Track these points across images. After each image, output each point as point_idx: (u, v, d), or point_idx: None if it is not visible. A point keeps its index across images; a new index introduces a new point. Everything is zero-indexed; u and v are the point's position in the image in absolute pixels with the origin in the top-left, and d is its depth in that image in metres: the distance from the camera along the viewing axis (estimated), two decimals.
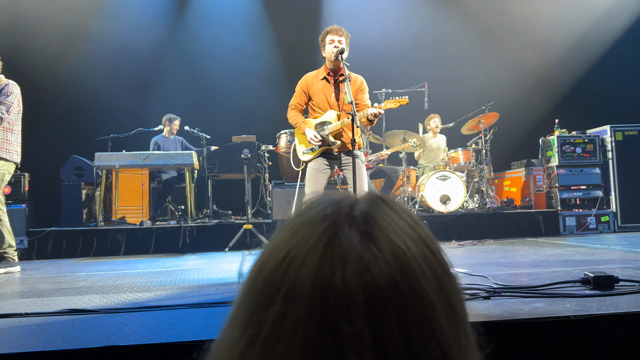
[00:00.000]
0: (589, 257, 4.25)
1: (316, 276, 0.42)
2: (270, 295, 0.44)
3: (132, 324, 2.33)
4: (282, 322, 0.42)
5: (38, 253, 5.96)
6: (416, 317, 0.42)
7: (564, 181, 7.14)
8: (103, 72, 8.11)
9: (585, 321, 2.17)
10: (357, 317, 0.41)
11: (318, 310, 0.41)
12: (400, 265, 0.43)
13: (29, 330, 2.27)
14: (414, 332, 0.41)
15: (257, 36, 8.69)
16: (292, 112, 4.20)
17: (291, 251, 0.45)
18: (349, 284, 0.41)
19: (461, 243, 5.95)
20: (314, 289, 0.42)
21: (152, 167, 6.76)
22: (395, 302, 0.42)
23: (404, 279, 0.43)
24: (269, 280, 0.45)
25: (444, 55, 8.96)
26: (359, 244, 0.44)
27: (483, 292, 2.70)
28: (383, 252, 0.44)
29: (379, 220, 0.46)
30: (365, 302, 0.41)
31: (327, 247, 0.44)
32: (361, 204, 0.49)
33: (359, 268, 0.42)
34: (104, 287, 3.51)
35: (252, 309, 0.45)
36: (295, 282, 0.43)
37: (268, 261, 0.46)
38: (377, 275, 0.42)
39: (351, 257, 0.43)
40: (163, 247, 6.12)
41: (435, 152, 7.84)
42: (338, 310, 0.41)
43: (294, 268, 0.44)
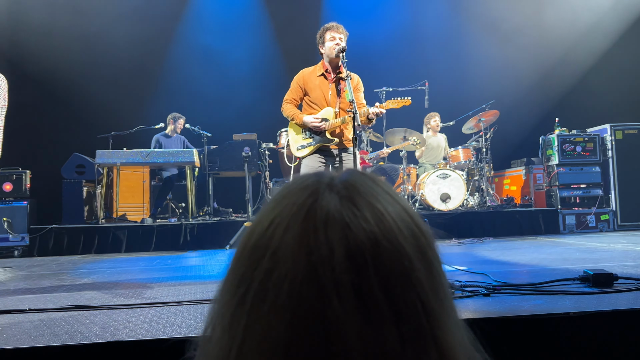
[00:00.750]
0: (588, 255, 4.26)
1: (300, 236, 0.45)
2: (257, 257, 0.46)
3: (135, 319, 2.35)
4: (269, 278, 0.45)
5: (39, 250, 5.98)
6: (394, 268, 0.45)
7: (564, 180, 7.15)
8: (104, 70, 8.12)
9: (584, 318, 2.19)
10: (338, 267, 0.43)
11: (303, 264, 0.44)
12: (378, 223, 0.46)
13: (32, 326, 2.28)
14: (391, 281, 0.44)
15: (258, 34, 8.70)
16: (288, 105, 4.17)
17: (276, 218, 0.48)
18: (330, 240, 0.44)
19: (461, 241, 5.97)
20: (298, 246, 0.45)
21: (153, 164, 6.78)
22: (374, 254, 0.44)
23: (382, 234, 0.46)
24: (256, 245, 0.48)
25: (445, 53, 8.96)
26: (340, 205, 0.47)
27: (483, 289, 2.72)
28: (362, 211, 0.47)
29: (358, 187, 0.50)
30: (345, 254, 0.44)
31: (310, 210, 0.47)
32: (341, 175, 0.52)
33: (340, 226, 0.45)
34: (106, 284, 3.53)
35: (241, 272, 0.47)
36: (281, 243, 0.46)
37: (255, 230, 0.49)
38: (356, 232, 0.45)
39: (332, 217, 0.46)
40: (164, 245, 6.14)
41: (435, 150, 7.85)
42: (321, 262, 0.44)
43: (279, 232, 0.46)
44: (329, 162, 4.18)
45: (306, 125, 4.02)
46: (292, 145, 4.23)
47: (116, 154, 6.54)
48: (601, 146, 7.23)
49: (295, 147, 4.21)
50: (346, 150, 4.11)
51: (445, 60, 8.88)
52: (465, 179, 7.12)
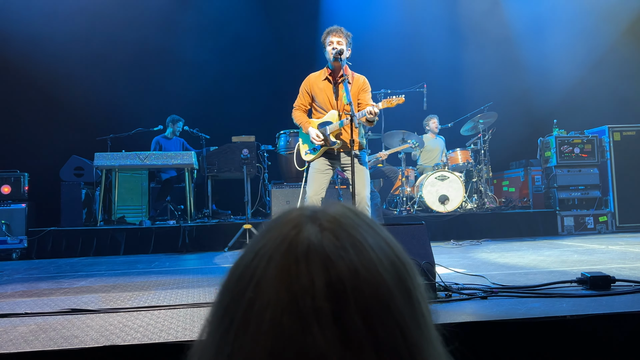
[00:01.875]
0: (586, 257, 4.27)
1: (282, 267, 0.47)
2: (241, 288, 0.48)
3: (132, 323, 2.35)
4: (252, 308, 0.46)
5: (38, 253, 5.97)
6: (373, 297, 0.46)
7: (562, 181, 7.16)
8: (103, 71, 8.12)
9: (581, 321, 2.19)
10: (318, 296, 0.45)
11: (284, 294, 0.46)
12: (358, 254, 0.48)
13: (29, 330, 2.28)
14: (371, 309, 0.46)
15: (257, 36, 8.70)
16: (297, 112, 4.25)
17: (260, 250, 0.50)
18: (311, 271, 0.46)
19: (460, 243, 5.97)
20: (280, 277, 0.47)
21: (151, 167, 6.78)
22: (353, 284, 0.46)
23: (362, 264, 0.48)
24: (241, 276, 0.49)
25: (443, 56, 8.96)
26: (321, 237, 0.49)
27: (480, 292, 2.72)
28: (343, 243, 0.49)
29: (340, 220, 0.52)
30: (325, 284, 0.45)
31: (292, 242, 0.49)
32: (325, 208, 0.54)
33: (320, 257, 0.47)
34: (103, 287, 3.52)
35: (226, 303, 0.49)
36: (264, 274, 0.47)
37: (240, 262, 0.51)
38: (336, 262, 0.47)
39: (313, 248, 0.48)
40: (162, 247, 6.13)
41: (433, 152, 7.86)
42: (302, 292, 0.45)
43: (262, 263, 0.48)
44: (335, 165, 4.23)
45: (310, 137, 4.09)
46: (302, 150, 4.32)
47: (114, 156, 6.54)
48: (599, 148, 7.24)
49: (303, 152, 4.30)
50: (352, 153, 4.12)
51: (443, 62, 8.89)
52: (464, 181, 7.12)
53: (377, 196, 6.46)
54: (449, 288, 2.75)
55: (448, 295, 2.68)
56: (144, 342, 2.05)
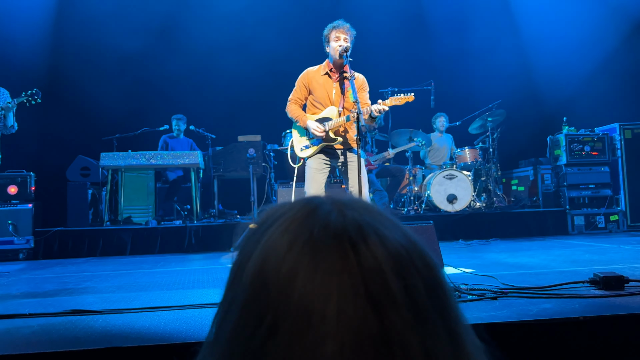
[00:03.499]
0: (598, 257, 4.20)
1: (337, 253, 0.43)
2: (284, 284, 0.43)
3: (135, 325, 2.32)
4: (307, 306, 0.41)
5: (44, 253, 5.96)
6: (428, 272, 0.45)
7: (572, 180, 7.06)
8: (109, 72, 8.12)
9: (594, 322, 2.13)
10: (388, 275, 0.42)
11: (348, 280, 0.41)
12: (400, 233, 0.46)
13: (31, 331, 2.26)
14: (431, 284, 0.44)
15: (263, 34, 8.66)
16: (292, 105, 4.15)
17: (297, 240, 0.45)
18: (372, 250, 0.43)
19: (468, 243, 5.91)
20: (339, 263, 0.42)
21: (157, 166, 6.77)
22: (413, 263, 0.44)
23: (411, 244, 0.46)
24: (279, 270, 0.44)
25: (451, 53, 8.89)
26: (368, 219, 0.46)
27: (490, 292, 2.67)
28: (385, 223, 0.46)
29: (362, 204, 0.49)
30: (391, 260, 0.43)
31: (337, 226, 0.45)
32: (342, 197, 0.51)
33: (376, 234, 0.44)
34: (108, 287, 3.50)
35: (265, 301, 0.43)
36: (315, 264, 0.42)
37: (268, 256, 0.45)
38: (393, 241, 0.44)
39: (364, 228, 0.44)
40: (169, 247, 6.11)
41: (441, 151, 7.79)
42: (370, 274, 0.41)
43: (307, 253, 0.43)
44: (333, 163, 4.13)
45: (309, 129, 3.99)
46: (296, 146, 4.18)
47: (120, 156, 6.53)
48: (610, 145, 7.13)
49: (298, 148, 4.16)
50: (351, 150, 4.05)
51: (451, 59, 8.81)
52: (472, 180, 7.04)
53: (385, 195, 6.41)
54: (458, 289, 2.70)
55: (457, 296, 2.63)
56: (147, 344, 2.02)
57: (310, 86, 4.06)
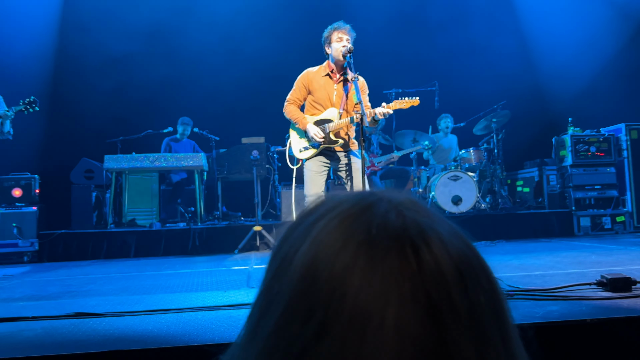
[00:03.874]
0: (604, 259, 4.16)
1: (398, 255, 0.40)
2: (336, 285, 0.39)
3: (139, 327, 2.31)
4: (362, 310, 0.38)
5: (49, 256, 5.97)
6: (488, 283, 0.42)
7: (578, 181, 7.01)
8: (112, 74, 8.14)
9: (601, 325, 2.10)
10: (452, 285, 0.39)
11: (408, 286, 0.38)
12: (458, 238, 0.43)
13: (34, 335, 2.25)
14: (490, 294, 0.41)
15: (266, 36, 8.67)
16: (291, 106, 4.08)
17: (352, 237, 0.41)
18: (435, 255, 0.40)
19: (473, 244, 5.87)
20: (399, 267, 0.39)
21: (161, 169, 6.77)
22: (472, 268, 0.42)
23: (467, 248, 0.43)
24: (332, 270, 0.40)
25: (455, 54, 8.87)
26: (428, 221, 0.43)
27: None
28: (444, 226, 0.44)
29: (420, 205, 0.46)
30: (455, 268, 0.40)
31: (396, 226, 0.42)
32: (396, 195, 0.47)
33: (440, 242, 0.41)
34: (112, 290, 3.49)
35: (314, 300, 0.40)
36: (372, 265, 0.39)
37: (321, 253, 0.42)
38: (455, 246, 0.42)
39: (425, 231, 0.42)
40: (173, 249, 6.11)
41: (446, 152, 7.76)
42: (432, 282, 0.39)
43: (364, 253, 0.40)
44: (333, 165, 4.09)
45: (308, 133, 3.94)
46: (295, 147, 4.12)
47: (124, 158, 6.54)
48: (616, 146, 7.08)
49: (297, 149, 4.10)
50: (351, 153, 4.02)
51: (455, 60, 8.79)
52: (477, 181, 7.01)
53: None
54: None
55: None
56: (151, 347, 2.01)
57: (311, 87, 4.01)
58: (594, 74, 8.49)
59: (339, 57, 3.87)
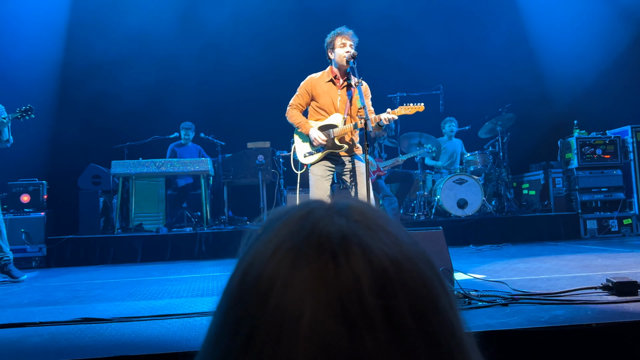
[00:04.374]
0: (611, 262, 4.14)
1: (317, 263, 0.40)
2: (262, 293, 0.41)
3: (145, 333, 2.32)
4: (282, 316, 0.39)
5: (57, 261, 6.01)
6: (420, 292, 0.41)
7: (584, 183, 6.98)
8: (119, 81, 8.19)
9: (607, 329, 2.10)
10: (367, 294, 0.39)
11: (325, 295, 0.39)
12: (396, 245, 0.43)
13: (41, 340, 2.27)
14: (421, 306, 0.41)
15: (271, 42, 8.70)
16: (293, 111, 4.07)
17: (281, 246, 0.42)
18: (353, 265, 0.40)
19: (479, 248, 5.86)
20: (317, 275, 0.40)
21: (167, 174, 6.80)
22: (400, 277, 0.41)
23: (403, 256, 0.42)
24: (259, 278, 0.42)
25: (459, 57, 8.86)
26: (354, 228, 0.43)
27: (501, 299, 2.64)
28: (379, 235, 0.43)
29: (365, 212, 0.46)
30: (373, 278, 0.40)
31: (322, 234, 0.42)
32: (343, 202, 0.47)
33: (361, 248, 0.41)
34: (118, 295, 3.52)
35: (240, 312, 0.41)
36: (294, 273, 0.40)
37: (254, 262, 0.43)
38: (379, 256, 0.41)
39: (349, 240, 0.42)
40: (179, 254, 6.13)
41: (451, 155, 7.75)
42: (347, 294, 0.39)
43: (288, 261, 0.41)
44: (337, 169, 4.08)
45: (310, 138, 3.95)
46: (299, 152, 4.10)
47: (131, 164, 6.57)
48: (622, 148, 7.05)
49: (302, 154, 4.09)
50: (357, 157, 4.02)
51: (460, 63, 8.78)
52: (482, 184, 6.99)
53: (395, 201, 6.37)
54: (468, 295, 2.67)
55: (467, 303, 2.60)
56: (157, 352, 2.02)
57: (314, 93, 4.00)
58: (599, 76, 8.46)
59: (342, 62, 3.85)
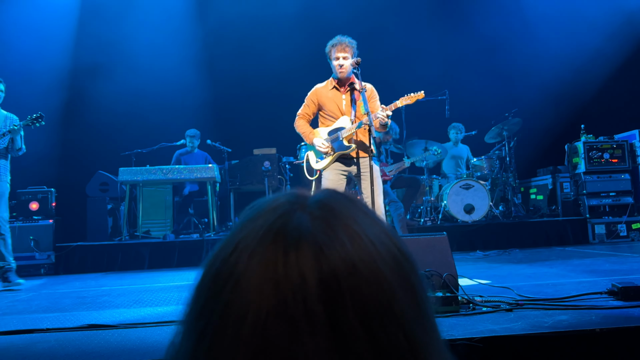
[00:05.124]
0: (618, 267, 4.11)
1: (267, 262, 0.41)
2: (219, 287, 0.42)
3: (150, 339, 2.34)
4: (230, 311, 0.40)
5: (65, 268, 6.05)
6: (373, 296, 0.41)
7: (592, 188, 6.94)
8: (126, 88, 8.26)
9: (611, 334, 2.09)
10: (310, 297, 0.39)
11: (269, 294, 0.40)
12: (355, 246, 0.42)
13: (48, 346, 2.30)
14: (371, 312, 0.40)
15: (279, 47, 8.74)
16: (301, 121, 4.20)
17: (241, 242, 0.43)
18: (301, 266, 0.40)
19: (486, 253, 5.84)
20: (264, 273, 0.40)
21: (174, 181, 6.83)
22: (351, 281, 0.40)
23: (360, 258, 0.42)
24: (218, 272, 0.43)
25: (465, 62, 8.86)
26: (312, 227, 0.43)
27: (505, 304, 2.63)
28: (337, 234, 0.43)
29: (333, 208, 0.46)
30: (318, 281, 0.40)
31: (279, 233, 0.43)
32: (316, 194, 0.48)
33: (312, 250, 0.41)
34: (125, 302, 3.54)
35: (201, 304, 0.43)
36: (245, 270, 0.41)
37: (217, 256, 0.45)
38: (331, 256, 0.41)
39: (303, 240, 0.42)
40: (186, 261, 6.15)
41: (457, 161, 7.73)
42: (291, 292, 0.39)
43: (244, 257, 0.42)
44: (350, 171, 4.09)
45: (315, 147, 4.05)
46: (312, 158, 4.20)
47: (138, 171, 6.61)
48: (630, 152, 7.00)
49: (314, 160, 4.18)
50: (373, 160, 4.03)
51: (466, 68, 8.78)
52: (489, 189, 6.97)
53: (401, 206, 6.37)
54: (472, 300, 2.67)
55: (471, 308, 2.60)
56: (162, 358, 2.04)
57: (320, 101, 4.11)
58: (607, 79, 8.42)
59: (337, 74, 3.97)
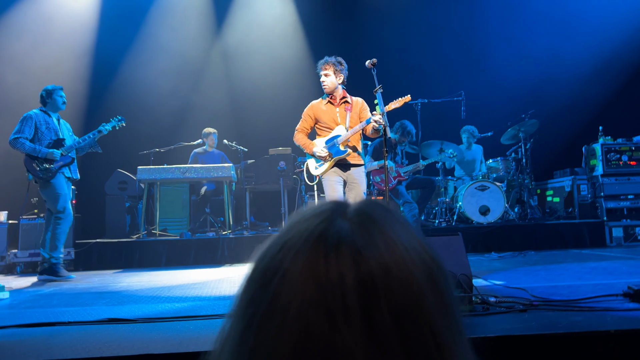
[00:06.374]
0: (635, 270, 4.08)
1: (310, 261, 0.46)
2: (267, 280, 0.47)
3: (168, 333, 2.39)
4: (277, 301, 0.45)
5: (84, 264, 6.15)
6: (405, 296, 0.45)
7: (609, 190, 6.87)
8: (144, 89, 8.38)
9: (626, 336, 2.09)
10: (348, 293, 0.44)
11: (311, 289, 0.44)
12: (390, 251, 0.47)
13: (70, 338, 2.36)
14: (402, 310, 0.45)
15: (294, 48, 8.80)
16: (300, 134, 4.64)
17: (288, 242, 0.49)
18: (341, 266, 0.45)
19: (501, 255, 5.82)
20: (308, 270, 0.45)
21: (191, 180, 6.92)
22: (385, 282, 0.45)
23: (394, 262, 0.46)
24: (267, 267, 0.48)
25: (482, 63, 8.82)
26: (351, 232, 0.48)
27: (519, 305, 2.64)
28: (374, 239, 0.47)
29: (371, 215, 0.51)
30: (356, 279, 0.44)
31: (321, 235, 0.48)
32: (357, 204, 0.53)
33: (351, 252, 0.46)
34: (143, 298, 3.61)
35: (251, 294, 0.48)
36: (291, 267, 0.46)
37: (267, 254, 0.50)
38: (367, 258, 0.46)
39: (343, 242, 0.47)
40: (202, 259, 6.22)
41: (472, 162, 7.70)
42: (330, 288, 0.44)
43: (290, 255, 0.47)
44: (345, 176, 4.47)
45: (314, 155, 4.45)
46: (311, 166, 4.59)
47: (156, 170, 6.70)
48: None
49: (313, 167, 4.57)
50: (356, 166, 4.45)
51: (482, 69, 8.74)
52: (505, 191, 6.93)
53: (415, 207, 6.37)
54: (487, 301, 2.68)
55: (485, 309, 2.61)
56: (179, 351, 2.09)
57: (316, 115, 4.55)
58: (625, 81, 8.32)
59: (326, 90, 4.44)
